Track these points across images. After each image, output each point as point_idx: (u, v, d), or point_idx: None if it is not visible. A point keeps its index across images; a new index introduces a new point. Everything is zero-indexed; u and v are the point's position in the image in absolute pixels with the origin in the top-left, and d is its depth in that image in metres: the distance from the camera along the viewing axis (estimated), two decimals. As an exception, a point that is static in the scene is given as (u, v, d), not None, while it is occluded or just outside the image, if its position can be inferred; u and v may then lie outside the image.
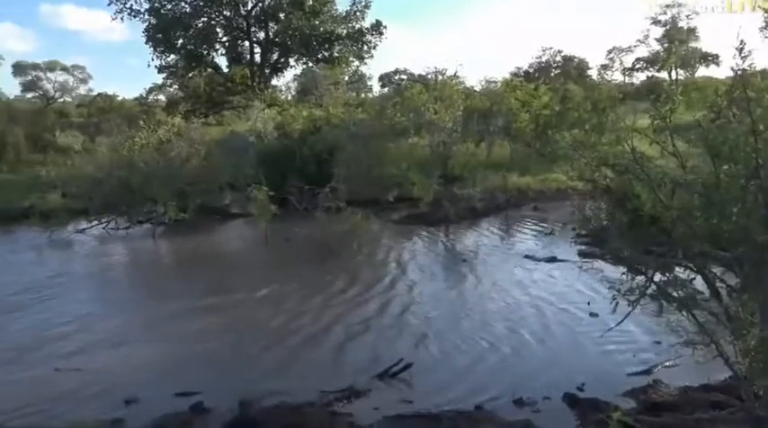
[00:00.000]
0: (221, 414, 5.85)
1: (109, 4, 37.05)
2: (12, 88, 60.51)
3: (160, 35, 37.49)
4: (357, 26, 39.74)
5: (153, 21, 37.34)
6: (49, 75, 61.19)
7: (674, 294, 4.96)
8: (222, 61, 41.22)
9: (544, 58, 50.30)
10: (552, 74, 46.69)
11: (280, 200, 15.18)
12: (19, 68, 60.53)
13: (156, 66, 39.75)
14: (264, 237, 13.84)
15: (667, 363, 6.66)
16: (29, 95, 58.70)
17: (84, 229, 16.26)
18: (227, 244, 15.87)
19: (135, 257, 14.49)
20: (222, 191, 17.37)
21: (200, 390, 6.36)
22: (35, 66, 60.94)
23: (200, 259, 13.66)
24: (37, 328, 8.74)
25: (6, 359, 7.55)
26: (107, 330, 8.63)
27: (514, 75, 35.82)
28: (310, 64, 40.85)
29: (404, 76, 53.72)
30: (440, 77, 24.15)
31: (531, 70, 47.91)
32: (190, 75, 41.35)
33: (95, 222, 16.36)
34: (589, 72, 50.08)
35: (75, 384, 6.73)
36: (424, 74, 28.53)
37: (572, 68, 48.36)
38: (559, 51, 50.25)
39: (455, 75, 22.93)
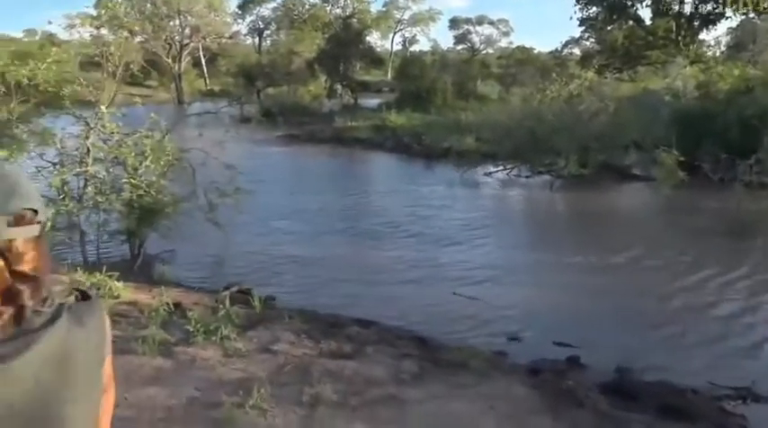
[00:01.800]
0: (597, 375, 5.80)
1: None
2: (446, 40, 68.20)
3: (585, -13, 37.16)
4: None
5: (579, -28, 37.15)
6: (477, 28, 66.97)
7: None
8: (646, 13, 38.76)
9: None
10: None
11: (690, 167, 13.86)
12: (454, 23, 67.67)
13: (577, 19, 39.70)
14: (666, 204, 12.92)
15: None
16: (459, 47, 65.32)
17: (491, 173, 17.59)
18: (624, 205, 15.31)
19: (533, 205, 15.17)
20: (626, 150, 16.65)
21: (579, 345, 6.42)
22: (467, 21, 67.29)
23: (593, 216, 13.53)
24: (451, 258, 9.89)
25: (424, 279, 8.82)
26: (503, 268, 9.32)
27: None
28: (751, 14, 35.34)
29: None
30: None
31: None
32: (609, 27, 40.15)
33: (501, 167, 17.54)
34: None
35: (468, 310, 7.52)
36: None
37: None
38: None
39: None
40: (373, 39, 53.15)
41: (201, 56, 51.70)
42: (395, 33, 66.64)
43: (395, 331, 6.44)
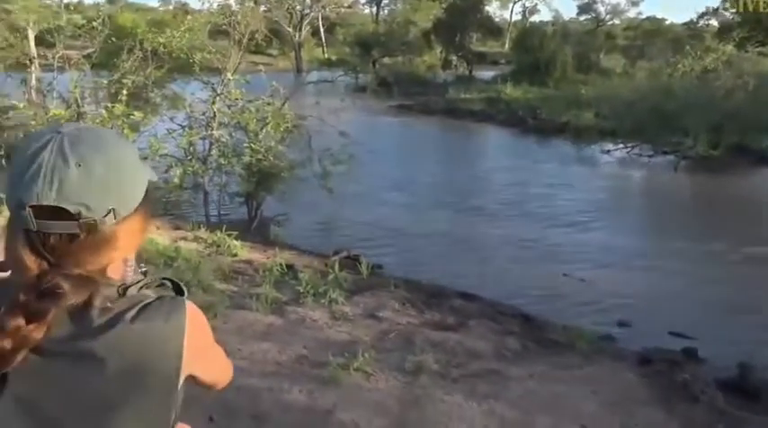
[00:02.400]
0: (715, 370, 5.45)
1: None
2: (569, 10, 65.15)
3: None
4: None
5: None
6: (605, -3, 63.35)
7: None
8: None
9: None
10: None
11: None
12: (579, -9, 64.40)
13: (715, -13, 36.58)
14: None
15: None
16: (582, 18, 62.20)
17: (610, 151, 16.76)
18: (759, 192, 14.11)
19: (654, 187, 14.37)
20: (766, 132, 15.28)
21: (696, 337, 6.07)
22: (594, -11, 63.77)
23: (721, 202, 12.61)
24: (563, 238, 9.59)
25: (533, 258, 8.65)
26: (618, 252, 8.95)
27: None
28: None
29: None
30: None
31: None
32: (754, -4, 36.67)
33: (620, 145, 16.67)
34: None
35: (577, 293, 7.30)
36: None
37: None
38: None
39: None
40: (492, 9, 51.91)
41: (320, 25, 52.68)
42: (514, 3, 64.53)
43: (499, 306, 6.38)
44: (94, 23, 9.92)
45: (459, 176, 14.28)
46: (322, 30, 53.21)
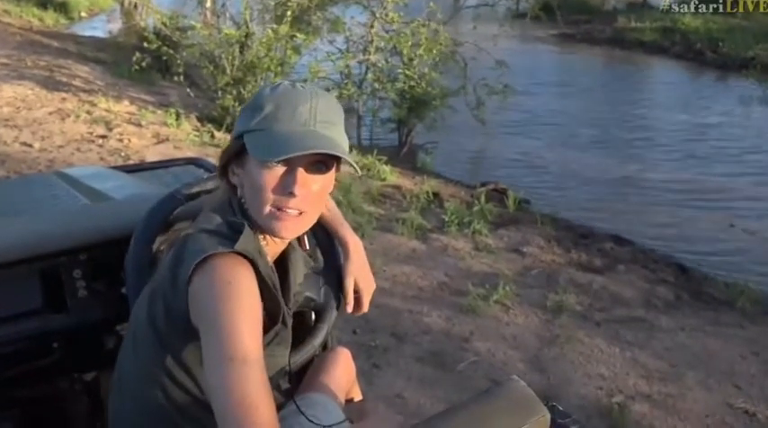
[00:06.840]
0: None
1: None
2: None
3: None
4: None
5: None
6: None
7: None
8: None
9: None
10: None
11: None
12: None
13: None
14: None
15: None
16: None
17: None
18: None
19: None
20: None
21: None
22: None
23: None
24: (733, 186, 8.67)
25: (696, 205, 7.99)
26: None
27: None
28: None
29: None
30: None
31: None
32: None
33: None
34: None
35: (743, 245, 6.66)
36: None
37: None
38: None
39: None
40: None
41: (483, -54, 50.31)
42: None
43: (652, 254, 6.00)
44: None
45: (620, 112, 13.31)
46: (484, -49, 50.81)
